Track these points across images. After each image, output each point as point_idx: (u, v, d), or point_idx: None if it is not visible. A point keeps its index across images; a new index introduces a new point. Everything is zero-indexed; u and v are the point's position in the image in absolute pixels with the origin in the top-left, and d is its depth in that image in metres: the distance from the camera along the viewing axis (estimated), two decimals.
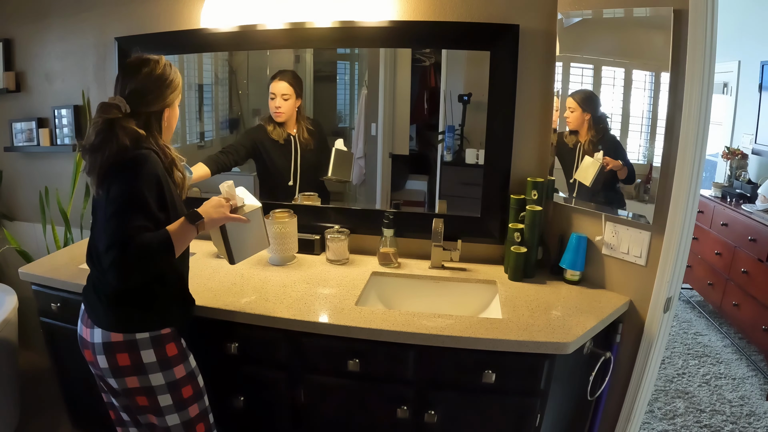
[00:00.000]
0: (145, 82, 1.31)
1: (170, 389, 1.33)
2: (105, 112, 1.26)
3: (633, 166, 1.62)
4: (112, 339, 1.29)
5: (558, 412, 1.62)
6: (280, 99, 2.02)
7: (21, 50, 2.36)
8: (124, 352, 1.29)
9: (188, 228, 1.29)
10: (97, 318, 1.32)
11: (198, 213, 1.32)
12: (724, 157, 3.72)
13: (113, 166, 1.25)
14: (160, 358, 1.31)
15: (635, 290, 1.66)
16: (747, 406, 2.58)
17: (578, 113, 1.72)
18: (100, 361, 1.31)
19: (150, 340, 1.30)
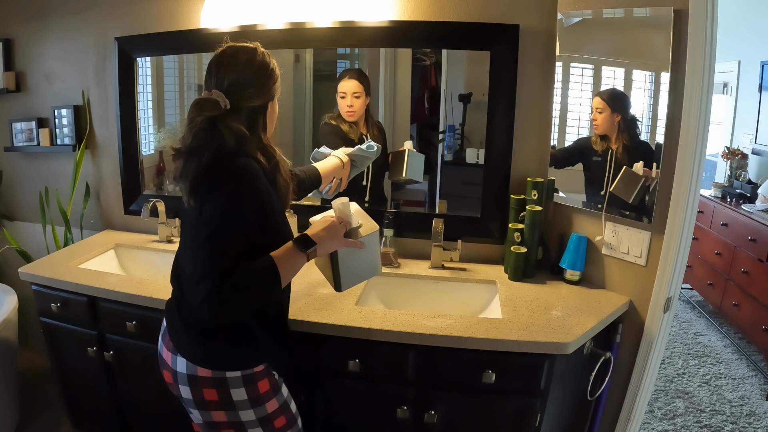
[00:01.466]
0: (245, 73, 1.14)
1: (262, 423, 1.21)
2: (205, 109, 1.08)
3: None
4: (199, 374, 1.16)
5: (558, 412, 1.62)
6: (351, 97, 1.92)
7: (21, 50, 2.36)
8: (212, 388, 1.16)
9: (298, 256, 1.12)
10: (181, 347, 1.18)
11: (309, 238, 1.13)
12: (724, 157, 3.72)
13: (209, 176, 1.07)
14: (252, 395, 1.18)
15: (635, 290, 1.66)
16: (747, 406, 2.58)
17: (607, 114, 1.59)
18: (183, 391, 1.19)
19: (241, 379, 1.16)
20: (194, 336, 1.17)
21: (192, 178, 1.08)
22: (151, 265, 2.10)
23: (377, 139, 2.01)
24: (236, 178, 1.08)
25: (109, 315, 1.74)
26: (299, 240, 1.14)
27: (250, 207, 1.08)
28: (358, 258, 1.27)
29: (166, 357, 1.23)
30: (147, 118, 2.24)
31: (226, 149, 1.08)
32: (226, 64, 1.15)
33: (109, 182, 2.35)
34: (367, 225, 1.27)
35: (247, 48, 1.18)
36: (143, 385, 1.82)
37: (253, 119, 1.17)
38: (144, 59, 2.17)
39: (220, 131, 1.08)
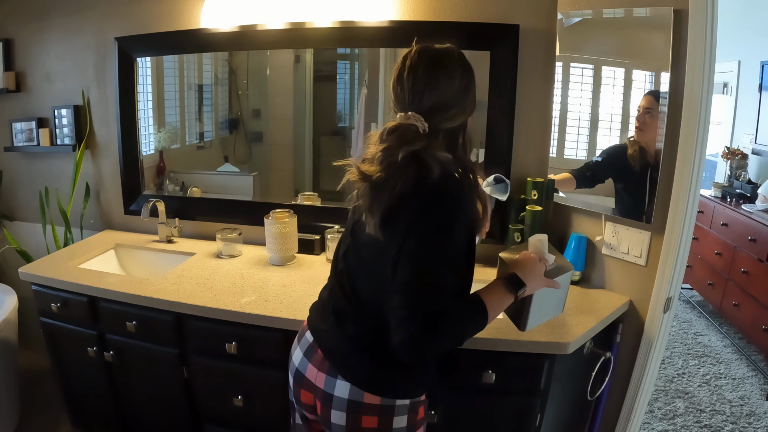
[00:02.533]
0: (451, 91, 1.00)
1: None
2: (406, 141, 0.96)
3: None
4: (365, 400, 1.07)
5: (558, 412, 1.62)
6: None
7: (21, 50, 2.36)
8: (375, 416, 1.08)
9: (507, 297, 1.04)
10: (347, 371, 1.09)
11: (520, 279, 1.05)
12: (724, 157, 3.72)
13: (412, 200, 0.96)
14: (410, 423, 1.12)
15: (635, 290, 1.66)
16: (747, 406, 2.58)
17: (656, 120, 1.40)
18: (334, 416, 1.10)
19: (408, 407, 1.10)
20: (366, 361, 1.09)
21: (384, 210, 0.98)
22: (151, 265, 2.10)
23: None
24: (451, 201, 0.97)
25: (109, 315, 1.74)
26: (510, 281, 1.05)
27: (462, 233, 0.99)
28: (550, 297, 1.20)
29: (316, 379, 1.13)
30: (147, 118, 2.24)
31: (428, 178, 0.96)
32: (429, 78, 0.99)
33: (109, 182, 2.35)
34: (561, 263, 1.19)
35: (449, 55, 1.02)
36: (143, 385, 1.82)
37: (451, 142, 1.04)
38: (144, 59, 2.17)
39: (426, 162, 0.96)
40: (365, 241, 1.05)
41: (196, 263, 1.93)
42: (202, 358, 1.67)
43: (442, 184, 0.96)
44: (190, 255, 2.03)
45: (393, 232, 0.98)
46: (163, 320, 1.65)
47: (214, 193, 2.27)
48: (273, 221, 1.89)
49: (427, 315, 0.92)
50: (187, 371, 1.69)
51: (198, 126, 2.29)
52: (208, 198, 2.23)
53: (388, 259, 0.99)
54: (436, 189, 0.96)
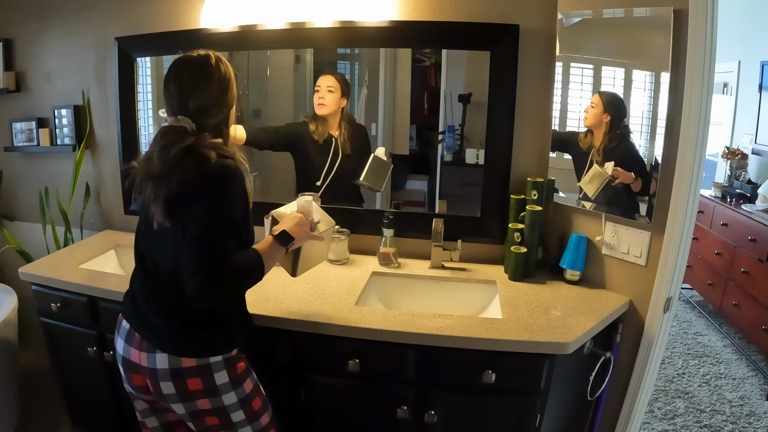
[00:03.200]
0: (210, 93, 1.20)
1: (242, 405, 1.29)
2: (180, 141, 1.14)
3: (651, 177, 1.55)
4: (184, 365, 1.21)
5: (558, 412, 1.62)
6: (325, 90, 1.97)
7: (21, 50, 2.36)
8: (197, 377, 1.22)
9: (279, 249, 1.25)
10: (161, 342, 1.22)
11: (289, 234, 1.27)
12: (724, 157, 3.72)
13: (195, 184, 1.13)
14: (232, 377, 1.26)
15: (635, 290, 1.66)
16: (747, 406, 2.58)
17: (598, 111, 1.65)
18: (164, 387, 1.22)
19: (223, 362, 1.25)
20: (175, 329, 1.22)
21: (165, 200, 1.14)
22: None
23: (346, 144, 2.03)
24: (226, 178, 1.16)
25: (109, 315, 1.73)
26: (280, 236, 1.26)
27: (239, 202, 1.18)
28: (315, 248, 1.45)
29: (138, 359, 1.24)
30: (147, 118, 2.24)
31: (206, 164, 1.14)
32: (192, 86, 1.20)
33: (109, 182, 2.35)
34: (325, 220, 1.46)
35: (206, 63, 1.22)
36: None
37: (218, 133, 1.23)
38: (144, 59, 2.17)
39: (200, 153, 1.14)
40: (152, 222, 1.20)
41: None
42: None
43: (218, 166, 1.15)
44: None
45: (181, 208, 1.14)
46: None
47: None
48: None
49: (210, 266, 1.09)
50: None
51: None
52: None
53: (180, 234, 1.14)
54: (213, 170, 1.14)
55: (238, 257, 1.14)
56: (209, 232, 1.11)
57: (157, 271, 1.24)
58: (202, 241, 1.11)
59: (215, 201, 1.14)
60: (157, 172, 1.14)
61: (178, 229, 1.15)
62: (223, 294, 1.11)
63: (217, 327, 1.25)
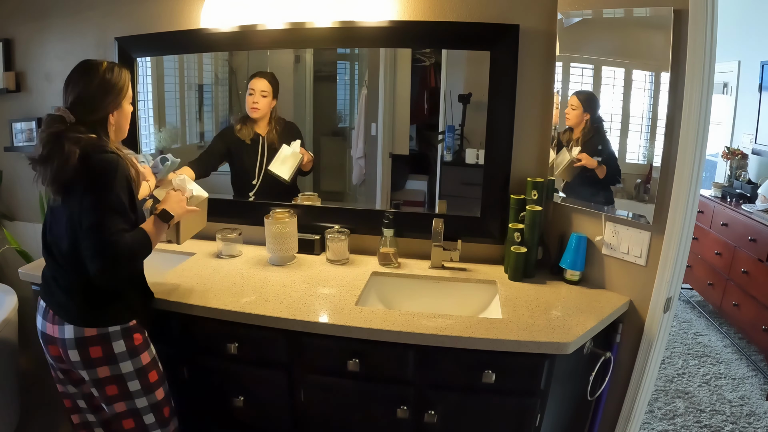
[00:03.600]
0: (88, 91, 1.34)
1: (138, 375, 1.43)
2: (49, 126, 1.30)
3: (618, 167, 1.65)
4: (86, 334, 1.36)
5: (558, 412, 1.62)
6: (259, 95, 2.06)
7: (21, 50, 2.36)
8: (97, 345, 1.37)
9: (162, 225, 1.43)
10: (67, 315, 1.37)
11: (168, 212, 1.45)
12: (724, 157, 3.72)
13: (83, 174, 1.28)
14: (129, 347, 1.40)
15: (635, 290, 1.66)
16: (747, 406, 2.58)
17: (579, 112, 1.73)
18: (71, 355, 1.37)
19: (120, 332, 1.39)
20: (79, 304, 1.37)
21: (53, 181, 1.29)
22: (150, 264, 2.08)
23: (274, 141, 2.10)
24: (109, 169, 1.30)
25: None
26: (161, 214, 1.44)
27: (123, 189, 1.32)
28: (194, 218, 1.67)
29: (52, 331, 1.40)
30: (147, 118, 2.24)
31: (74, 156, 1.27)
32: (73, 81, 1.35)
33: None
34: (199, 194, 1.69)
35: (92, 66, 1.36)
36: None
37: (96, 130, 1.36)
38: (144, 59, 2.17)
39: (64, 143, 1.27)
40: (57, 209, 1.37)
41: (196, 263, 1.93)
42: (203, 358, 1.67)
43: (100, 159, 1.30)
44: (190, 255, 2.03)
45: (72, 196, 1.30)
46: (162, 320, 1.65)
47: (215, 193, 2.27)
48: (273, 221, 1.89)
49: (106, 248, 1.26)
50: (188, 371, 1.69)
51: (198, 126, 2.29)
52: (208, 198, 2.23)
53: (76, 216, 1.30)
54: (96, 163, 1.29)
55: (128, 237, 1.30)
56: (100, 219, 1.27)
57: (62, 256, 1.38)
58: (96, 227, 1.26)
59: (102, 191, 1.29)
60: (39, 155, 1.29)
61: (72, 215, 1.31)
62: (120, 271, 1.30)
63: (114, 299, 1.40)
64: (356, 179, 2.16)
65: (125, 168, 1.34)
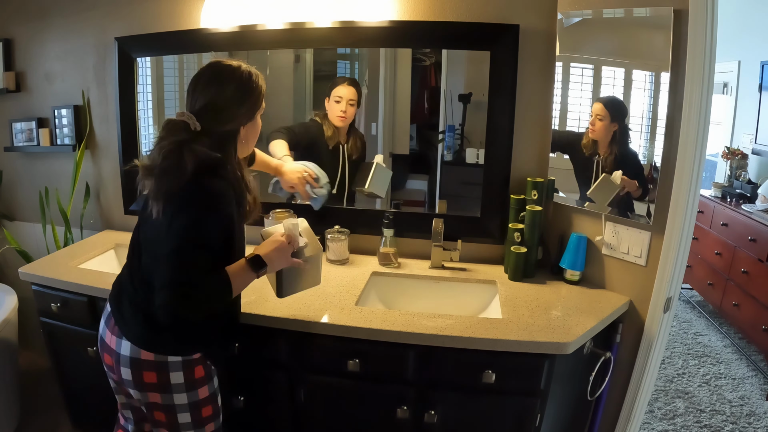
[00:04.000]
0: (220, 97, 1.18)
1: (191, 408, 1.31)
2: (173, 133, 1.14)
3: (647, 183, 1.55)
4: (142, 357, 1.25)
5: (558, 412, 1.62)
6: (347, 104, 1.97)
7: (21, 50, 2.36)
8: (153, 371, 1.25)
9: (250, 274, 1.23)
10: (128, 331, 1.26)
11: (262, 260, 1.24)
12: (724, 157, 3.72)
13: (184, 196, 1.14)
14: (188, 379, 1.28)
15: (635, 290, 1.66)
16: (747, 406, 2.58)
17: (606, 123, 1.59)
18: (123, 373, 1.28)
19: (181, 363, 1.27)
20: (141, 322, 1.25)
21: (165, 197, 1.14)
22: None
23: (352, 152, 2.04)
24: (211, 200, 1.15)
25: None
26: (253, 261, 1.23)
27: (219, 224, 1.17)
28: (302, 272, 1.41)
29: (110, 341, 1.30)
30: (147, 118, 2.24)
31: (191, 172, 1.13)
32: (203, 85, 1.19)
33: (109, 182, 2.35)
34: (313, 245, 1.40)
35: (229, 68, 1.20)
36: None
37: (223, 143, 1.21)
38: (144, 59, 2.17)
39: (185, 156, 1.12)
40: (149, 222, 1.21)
41: None
42: None
43: (206, 185, 1.14)
44: None
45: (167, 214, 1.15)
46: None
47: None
48: (273, 221, 1.89)
49: (178, 285, 1.10)
50: None
51: None
52: None
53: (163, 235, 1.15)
54: (200, 188, 1.14)
55: (207, 279, 1.14)
56: (182, 251, 1.12)
57: (139, 268, 1.28)
58: (174, 258, 1.12)
59: (194, 220, 1.14)
60: (159, 166, 1.13)
61: (160, 233, 1.16)
62: (184, 313, 1.13)
63: (183, 333, 1.26)
64: None
65: (231, 199, 1.19)
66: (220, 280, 1.17)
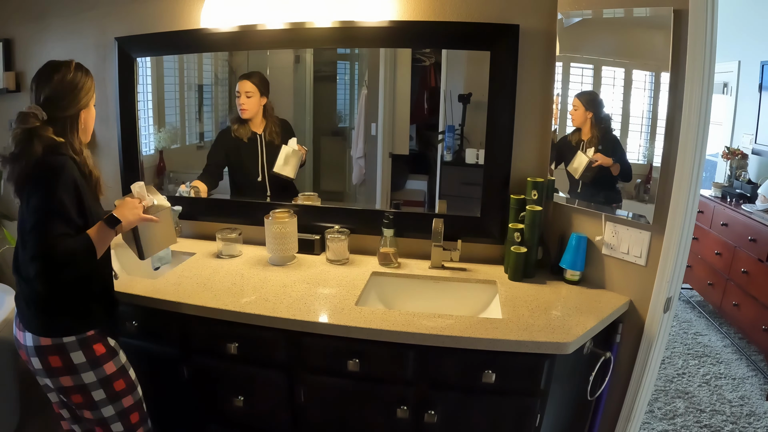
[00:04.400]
0: (58, 88, 1.35)
1: (102, 385, 1.42)
2: (23, 122, 1.30)
3: (629, 163, 1.63)
4: (42, 343, 1.35)
5: (558, 412, 1.62)
6: (244, 96, 2.08)
7: (21, 50, 2.36)
8: (55, 355, 1.36)
9: (107, 231, 1.35)
10: (27, 323, 1.38)
11: (116, 217, 1.36)
12: (724, 157, 3.72)
13: (30, 176, 1.29)
14: (89, 358, 1.39)
15: (635, 290, 1.66)
16: (747, 406, 2.58)
17: (581, 111, 1.73)
18: (34, 363, 1.38)
19: (77, 343, 1.37)
20: (35, 312, 1.37)
21: (16, 180, 1.31)
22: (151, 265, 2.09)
23: (272, 138, 2.13)
24: (54, 172, 1.29)
25: None
26: (108, 219, 1.35)
27: (68, 192, 1.30)
28: (156, 230, 1.52)
29: (19, 337, 1.41)
30: (147, 118, 2.24)
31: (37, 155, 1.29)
32: (43, 81, 1.36)
33: (109, 182, 2.32)
34: (161, 203, 1.54)
35: (62, 65, 1.38)
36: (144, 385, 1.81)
37: (66, 127, 1.37)
38: (144, 59, 2.17)
39: (33, 141, 1.29)
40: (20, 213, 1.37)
41: (196, 263, 1.93)
42: (203, 358, 1.67)
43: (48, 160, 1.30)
44: (190, 255, 2.04)
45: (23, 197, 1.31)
46: (163, 320, 1.65)
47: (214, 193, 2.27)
48: (273, 221, 1.89)
49: (45, 252, 1.23)
50: (188, 371, 1.69)
51: (198, 126, 2.29)
52: (208, 198, 2.23)
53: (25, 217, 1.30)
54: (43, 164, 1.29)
55: (69, 242, 1.26)
56: (41, 222, 1.25)
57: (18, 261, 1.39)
58: (36, 231, 1.25)
59: (44, 192, 1.27)
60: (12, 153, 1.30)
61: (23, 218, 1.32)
62: (57, 275, 1.26)
63: (68, 309, 1.38)
64: (356, 179, 2.16)
65: (72, 170, 1.32)
66: (82, 240, 1.30)
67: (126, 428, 1.49)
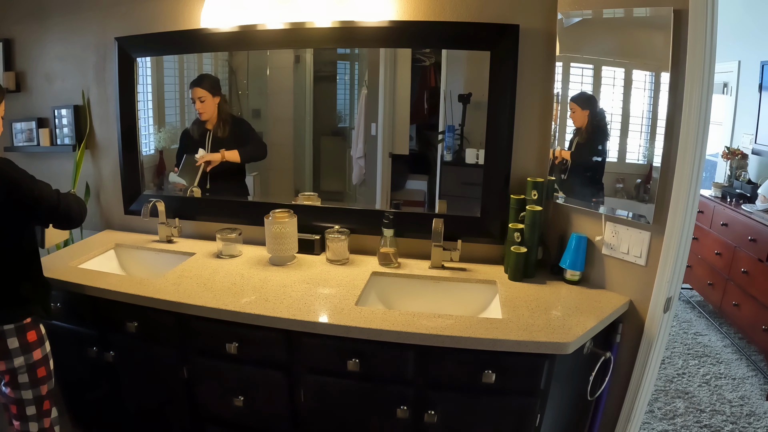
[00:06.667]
0: None
1: (28, 370, 1.54)
2: None
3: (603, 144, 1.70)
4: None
5: (558, 412, 1.62)
6: (198, 102, 2.15)
7: (21, 50, 2.36)
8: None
9: None
10: None
11: None
12: (724, 157, 3.72)
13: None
14: (22, 343, 1.52)
15: (635, 290, 1.66)
16: (747, 406, 2.58)
17: (579, 112, 1.75)
18: None
19: (14, 330, 1.50)
20: None
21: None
22: (151, 265, 2.10)
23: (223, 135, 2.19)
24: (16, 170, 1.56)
25: (110, 315, 1.74)
26: None
27: (34, 180, 1.57)
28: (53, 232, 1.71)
29: None
30: (147, 118, 2.24)
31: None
32: None
33: (109, 182, 2.35)
34: None
35: None
36: (143, 385, 1.82)
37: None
38: (144, 59, 2.17)
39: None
40: None
41: (196, 263, 1.93)
42: (203, 358, 1.67)
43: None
44: (190, 255, 2.04)
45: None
46: (163, 320, 1.65)
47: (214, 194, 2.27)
48: (273, 221, 1.89)
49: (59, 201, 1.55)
50: (188, 371, 1.69)
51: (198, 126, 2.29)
52: (208, 198, 2.23)
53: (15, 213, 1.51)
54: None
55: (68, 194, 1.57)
56: (39, 188, 1.53)
57: None
58: (44, 196, 1.52)
59: (26, 181, 1.53)
60: None
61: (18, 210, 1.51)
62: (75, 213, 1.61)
63: (9, 300, 1.51)
64: (356, 179, 2.16)
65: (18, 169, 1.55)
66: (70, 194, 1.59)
67: (38, 413, 1.60)
